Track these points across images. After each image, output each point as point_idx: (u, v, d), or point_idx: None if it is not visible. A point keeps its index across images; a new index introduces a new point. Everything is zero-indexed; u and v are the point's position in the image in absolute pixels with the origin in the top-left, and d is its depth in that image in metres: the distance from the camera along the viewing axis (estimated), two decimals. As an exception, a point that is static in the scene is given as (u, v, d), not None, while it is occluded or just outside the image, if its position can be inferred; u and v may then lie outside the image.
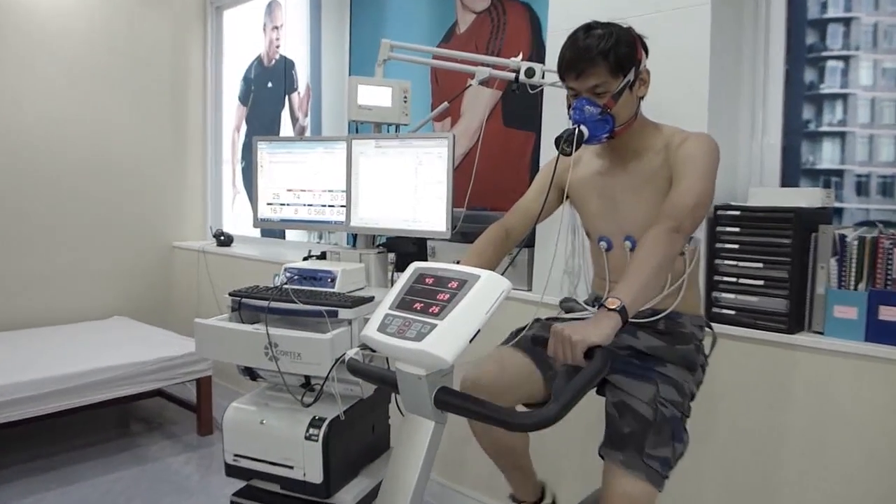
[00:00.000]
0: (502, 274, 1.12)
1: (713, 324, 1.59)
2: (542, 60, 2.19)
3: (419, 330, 1.03)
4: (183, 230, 4.05)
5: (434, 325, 1.02)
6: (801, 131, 1.87)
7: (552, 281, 2.00)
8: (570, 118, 1.38)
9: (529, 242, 2.17)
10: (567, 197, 1.55)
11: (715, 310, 1.75)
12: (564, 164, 1.43)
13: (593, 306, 1.51)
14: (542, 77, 2.01)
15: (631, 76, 1.34)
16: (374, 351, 1.16)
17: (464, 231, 2.20)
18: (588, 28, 1.35)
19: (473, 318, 1.03)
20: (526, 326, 1.55)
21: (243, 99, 3.94)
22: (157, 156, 3.89)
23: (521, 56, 2.06)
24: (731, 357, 1.72)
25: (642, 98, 1.41)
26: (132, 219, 3.82)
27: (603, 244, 1.50)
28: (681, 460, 1.31)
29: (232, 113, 4.04)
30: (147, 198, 3.87)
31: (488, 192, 2.44)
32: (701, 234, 1.73)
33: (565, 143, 1.33)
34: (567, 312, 1.55)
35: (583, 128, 1.34)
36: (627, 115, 1.37)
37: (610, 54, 1.31)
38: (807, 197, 1.70)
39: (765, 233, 1.67)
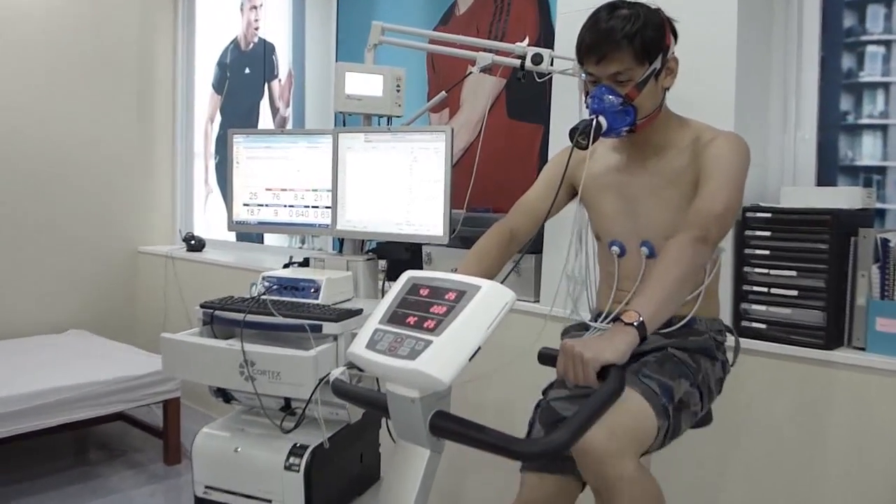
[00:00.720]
0: (503, 281, 1.12)
1: (742, 339, 1.60)
2: (550, 45, 2.20)
3: (413, 347, 1.03)
4: (149, 233, 4.05)
5: (429, 342, 1.03)
6: (838, 124, 1.88)
7: (563, 291, 2.00)
8: (586, 107, 1.38)
9: (537, 248, 2.18)
10: (575, 194, 1.55)
11: (744, 323, 1.76)
12: (578, 157, 1.44)
13: (596, 320, 1.51)
14: (551, 64, 2.02)
15: (657, 64, 1.35)
16: (362, 370, 1.16)
17: (463, 235, 2.21)
18: (612, 7, 1.35)
19: (473, 333, 1.03)
20: (533, 419, 1.51)
21: (218, 87, 3.94)
22: (120, 150, 3.90)
23: (527, 41, 2.07)
24: (762, 375, 1.72)
25: (668, 89, 1.42)
26: (91, 220, 3.82)
27: (615, 249, 1.50)
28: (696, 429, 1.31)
29: (205, 102, 4.04)
30: (109, 197, 3.87)
31: (491, 191, 2.45)
32: (727, 240, 1.74)
33: (581, 135, 1.34)
34: None
35: (601, 119, 1.34)
36: (651, 106, 1.38)
37: (636, 38, 1.31)
38: (845, 197, 1.71)
39: (799, 237, 1.68)
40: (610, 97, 1.34)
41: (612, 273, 1.51)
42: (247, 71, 3.77)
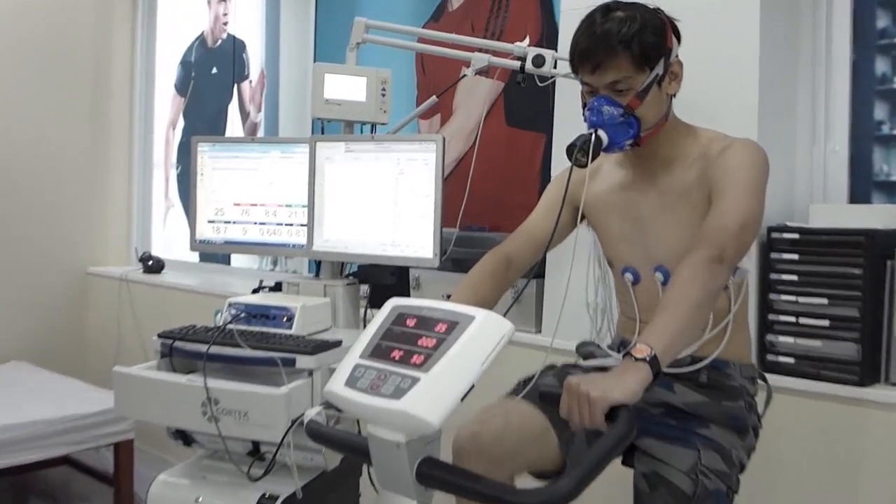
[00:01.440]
0: (504, 314, 1.13)
1: (768, 374, 1.60)
2: (553, 46, 2.22)
3: (398, 385, 1.03)
4: (100, 252, 4.03)
5: (417, 379, 1.03)
6: (872, 135, 1.90)
7: (566, 320, 2.00)
8: (584, 120, 1.40)
9: (539, 272, 2.18)
10: (582, 217, 1.56)
11: (769, 357, 1.77)
12: (579, 176, 1.46)
13: (619, 352, 1.52)
14: (554, 66, 2.04)
15: (659, 69, 1.37)
16: (340, 410, 1.16)
17: (456, 258, 2.21)
18: (607, 10, 1.38)
19: (466, 370, 1.03)
20: (535, 375, 1.55)
21: (181, 88, 3.96)
22: (69, 158, 3.89)
23: (527, 40, 2.09)
24: (791, 416, 1.72)
25: (673, 96, 1.44)
26: (35, 237, 3.80)
27: (628, 276, 1.51)
28: None
29: (166, 105, 4.05)
30: (55, 211, 3.86)
31: (487, 208, 2.46)
32: (751, 263, 1.75)
33: (579, 152, 1.36)
34: (585, 359, 1.56)
35: (601, 133, 1.36)
36: (656, 116, 1.40)
37: (633, 43, 1.33)
38: (881, 216, 1.73)
39: (830, 260, 1.70)
40: (609, 108, 1.36)
41: (630, 304, 1.52)
42: (214, 71, 3.78)
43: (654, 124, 1.40)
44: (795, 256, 1.74)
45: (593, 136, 1.35)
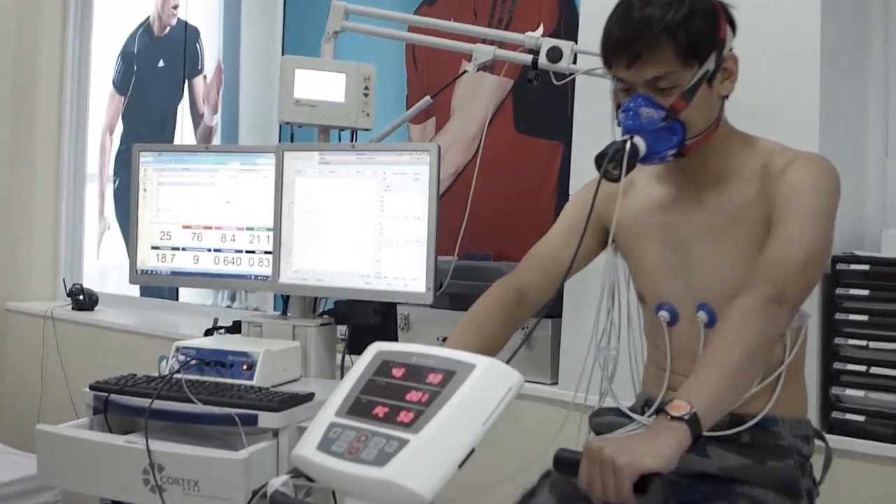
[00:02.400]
0: (508, 360, 1.13)
1: (831, 436, 1.61)
2: (573, 37, 2.24)
3: (382, 448, 1.04)
4: (21, 285, 4.02)
5: (405, 442, 1.03)
6: (957, 146, 1.92)
7: (591, 369, 2.00)
8: (618, 124, 1.41)
9: (555, 311, 2.19)
10: (612, 241, 1.57)
11: (835, 414, 1.77)
12: (610, 191, 1.46)
13: (643, 413, 1.52)
14: (574, 61, 2.06)
15: (710, 64, 1.37)
16: (312, 480, 1.16)
17: (454, 292, 2.21)
18: None
19: (465, 430, 1.03)
20: (533, 490, 1.52)
21: (120, 85, 3.97)
22: (-16, 170, 3.90)
23: (541, 30, 2.11)
24: (861, 485, 1.72)
25: (726, 97, 1.45)
26: (-58, 267, 3.80)
27: (664, 314, 1.52)
28: None
29: (102, 106, 4.06)
30: (-34, 234, 3.86)
31: (492, 232, 2.47)
32: (810, 301, 1.76)
33: (611, 161, 1.36)
34: (599, 435, 1.54)
35: (637, 140, 1.37)
36: (705, 121, 1.41)
37: (679, 31, 1.34)
38: (968, 244, 1.74)
39: (907, 298, 1.71)
40: (648, 110, 1.37)
41: (663, 349, 1.52)
42: (161, 64, 3.80)
43: (703, 131, 1.41)
44: (866, 292, 1.75)
45: (628, 143, 1.36)
